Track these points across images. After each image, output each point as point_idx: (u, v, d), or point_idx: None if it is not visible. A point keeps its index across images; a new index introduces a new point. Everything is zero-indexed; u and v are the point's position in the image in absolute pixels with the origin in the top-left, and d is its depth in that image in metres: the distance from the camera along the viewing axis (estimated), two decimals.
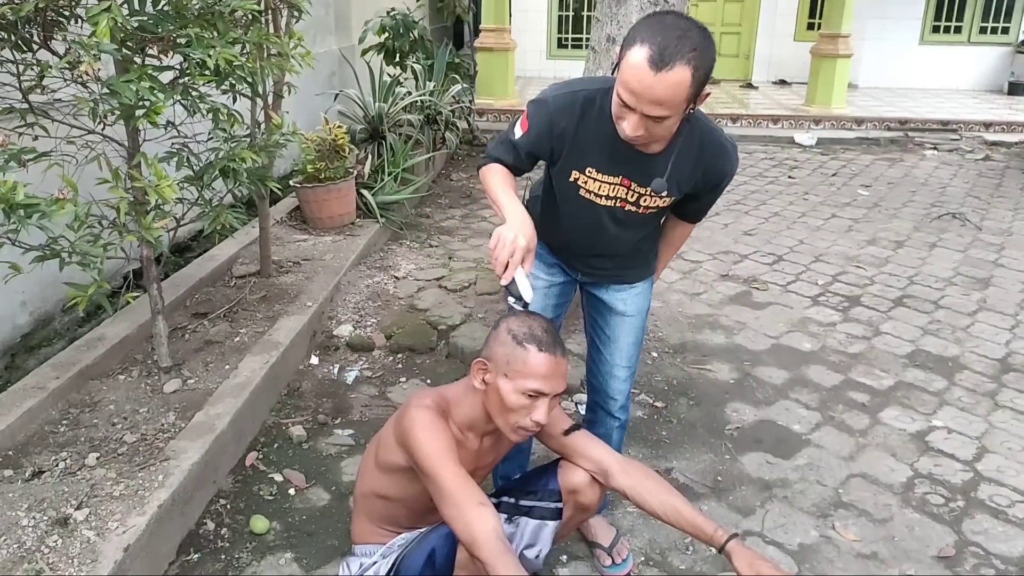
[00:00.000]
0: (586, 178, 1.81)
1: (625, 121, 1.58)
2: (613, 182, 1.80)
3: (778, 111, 8.86)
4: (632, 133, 1.58)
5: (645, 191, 1.80)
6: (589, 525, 2.17)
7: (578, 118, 1.74)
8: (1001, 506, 2.46)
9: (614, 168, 1.78)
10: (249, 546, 2.19)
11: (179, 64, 2.33)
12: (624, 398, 2.14)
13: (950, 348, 3.55)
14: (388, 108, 5.58)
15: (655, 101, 1.50)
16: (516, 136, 1.82)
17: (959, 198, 6.12)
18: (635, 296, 2.06)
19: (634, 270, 2.06)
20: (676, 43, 1.45)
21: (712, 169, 1.82)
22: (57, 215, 1.94)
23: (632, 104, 1.53)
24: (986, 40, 10.83)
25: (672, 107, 1.51)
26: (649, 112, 1.52)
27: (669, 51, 1.45)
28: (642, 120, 1.55)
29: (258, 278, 3.65)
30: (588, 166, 1.79)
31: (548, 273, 2.08)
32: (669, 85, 1.47)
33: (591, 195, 1.84)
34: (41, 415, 2.44)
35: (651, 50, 1.45)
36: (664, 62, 1.45)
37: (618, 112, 1.60)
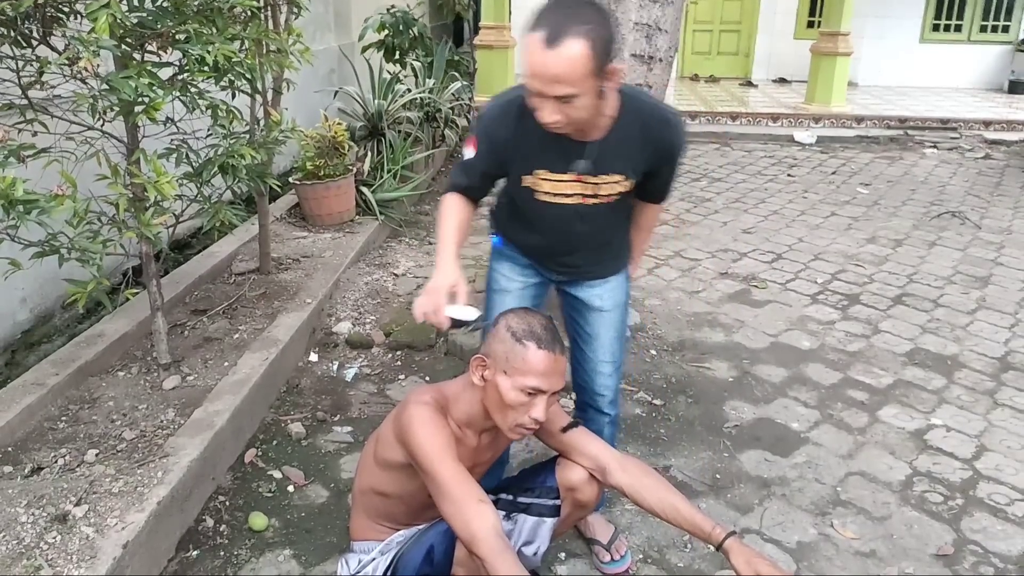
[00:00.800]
0: (539, 180, 1.82)
1: (540, 110, 1.59)
2: (566, 179, 1.80)
3: (778, 109, 8.85)
4: (548, 119, 1.59)
5: (600, 180, 1.81)
6: (587, 522, 2.17)
7: (515, 123, 1.75)
8: (1000, 504, 2.46)
9: (563, 165, 1.78)
10: (248, 543, 2.19)
11: (178, 60, 2.32)
12: (612, 393, 2.13)
13: (949, 346, 3.55)
14: (388, 105, 5.58)
15: (555, 79, 1.51)
16: (467, 158, 1.86)
17: (959, 196, 6.12)
18: (611, 290, 2.05)
19: (607, 264, 2.05)
20: (566, 19, 1.49)
21: (661, 143, 1.82)
22: (56, 211, 1.94)
23: (537, 88, 1.55)
24: (986, 39, 10.81)
25: (574, 82, 1.52)
26: (554, 92, 1.53)
27: (560, 27, 1.48)
28: (555, 104, 1.56)
29: (257, 275, 3.66)
30: (536, 168, 1.80)
31: (522, 275, 2.07)
32: (564, 59, 1.49)
33: (549, 196, 1.84)
34: (40, 411, 2.44)
35: (543, 30, 1.49)
36: (556, 38, 1.48)
37: (533, 103, 1.61)
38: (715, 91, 10.24)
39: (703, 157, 7.45)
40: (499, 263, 2.09)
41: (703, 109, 8.77)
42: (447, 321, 1.68)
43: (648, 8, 2.64)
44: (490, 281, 2.11)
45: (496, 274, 2.09)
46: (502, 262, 2.08)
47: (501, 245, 2.09)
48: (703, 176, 6.69)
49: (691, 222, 5.34)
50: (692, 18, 10.98)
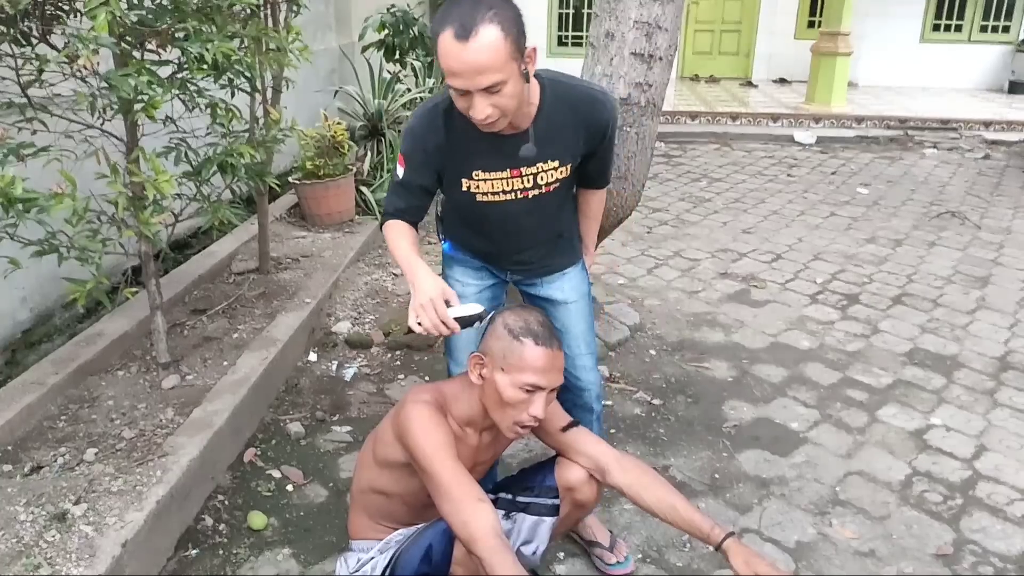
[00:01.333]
0: (477, 183, 1.79)
1: (471, 108, 1.56)
2: (504, 176, 1.79)
3: (778, 109, 8.86)
4: (482, 115, 1.56)
5: (537, 170, 1.79)
6: (586, 525, 2.15)
7: (444, 129, 1.73)
8: (999, 504, 2.46)
9: (499, 163, 1.76)
10: (247, 542, 2.19)
11: (177, 58, 2.32)
12: (595, 386, 2.11)
13: (949, 346, 3.55)
14: (388, 105, 5.58)
15: (478, 70, 1.49)
16: (401, 176, 1.82)
17: (959, 197, 6.12)
18: (570, 281, 2.04)
19: (561, 256, 2.03)
20: (472, 11, 1.48)
21: (592, 122, 1.80)
22: (55, 210, 1.94)
23: (462, 86, 1.52)
24: (987, 39, 10.81)
25: (497, 69, 1.50)
26: (479, 85, 1.51)
27: (468, 19, 1.47)
28: (482, 97, 1.53)
29: (257, 275, 3.65)
30: (474, 170, 1.78)
31: (477, 277, 2.06)
32: (483, 48, 1.47)
33: (488, 196, 1.81)
34: (40, 411, 2.44)
35: (453, 28, 1.48)
36: (468, 30, 1.47)
37: (460, 104, 1.59)
38: (715, 91, 10.24)
39: (703, 157, 7.45)
40: (451, 269, 2.07)
41: (703, 109, 8.77)
42: (456, 325, 1.65)
43: (648, 6, 2.64)
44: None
45: (450, 280, 2.06)
46: (454, 267, 2.07)
47: (451, 251, 2.07)
48: (703, 176, 6.69)
49: (691, 222, 5.34)
50: (693, 18, 10.98)
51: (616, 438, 2.75)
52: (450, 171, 1.80)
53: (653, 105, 2.82)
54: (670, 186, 6.33)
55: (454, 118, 1.70)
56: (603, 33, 2.74)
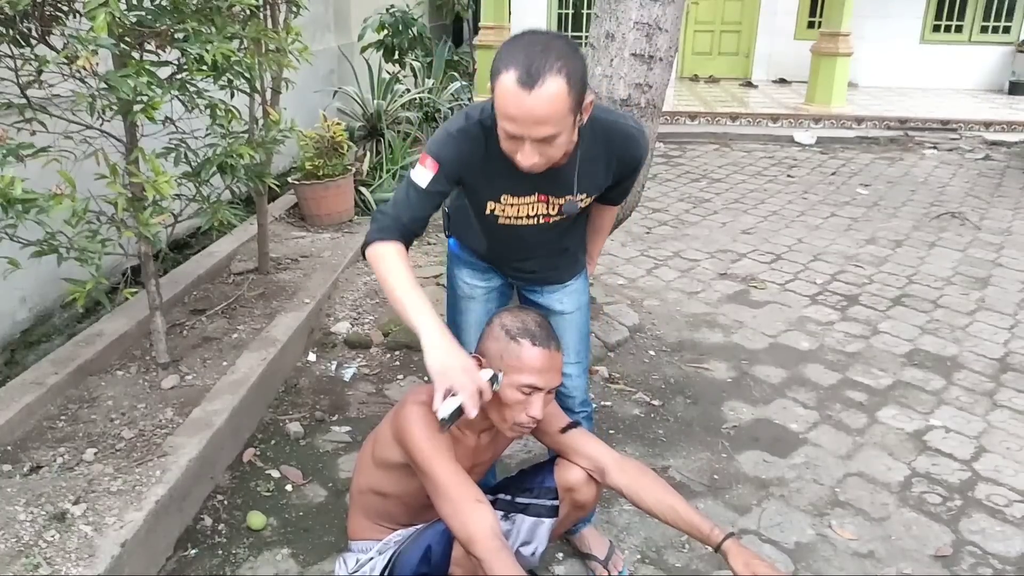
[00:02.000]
0: (503, 206, 1.76)
1: (518, 153, 1.51)
2: (530, 201, 1.76)
3: (778, 110, 8.85)
4: (528, 163, 1.52)
5: (564, 199, 1.76)
6: (582, 536, 2.14)
7: (484, 146, 1.67)
8: (999, 505, 2.46)
9: (528, 187, 1.72)
10: (246, 542, 2.19)
11: (177, 59, 2.32)
12: (581, 393, 2.11)
13: (948, 347, 3.55)
14: (387, 105, 5.58)
15: (538, 121, 1.44)
16: (425, 183, 1.66)
17: (959, 197, 6.12)
18: (570, 293, 2.03)
19: (564, 269, 2.03)
20: (541, 57, 1.40)
21: (625, 158, 1.79)
22: (55, 210, 1.94)
23: (517, 132, 1.47)
24: (987, 39, 10.81)
25: (556, 123, 1.46)
26: (536, 135, 1.47)
27: (536, 66, 1.40)
28: (533, 146, 1.49)
29: (256, 275, 3.66)
30: (503, 193, 1.73)
31: (483, 279, 2.04)
32: (546, 100, 1.41)
33: (511, 220, 1.79)
34: (39, 411, 2.44)
35: (518, 71, 1.40)
36: (534, 78, 1.40)
37: (507, 147, 1.53)
38: (715, 91, 10.24)
39: (703, 158, 7.45)
40: (458, 268, 2.06)
41: (703, 110, 8.77)
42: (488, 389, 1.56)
43: (648, 7, 2.64)
44: (452, 287, 2.09)
45: (457, 280, 2.06)
46: (461, 268, 2.05)
47: (457, 249, 2.06)
48: (703, 177, 6.69)
49: (690, 223, 5.34)
50: (693, 18, 10.98)
51: (615, 439, 2.75)
52: (478, 190, 1.75)
53: (653, 106, 2.82)
54: (669, 186, 6.33)
55: (493, 136, 1.63)
56: (603, 34, 2.74)
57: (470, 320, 2.07)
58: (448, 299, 2.13)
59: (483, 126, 1.66)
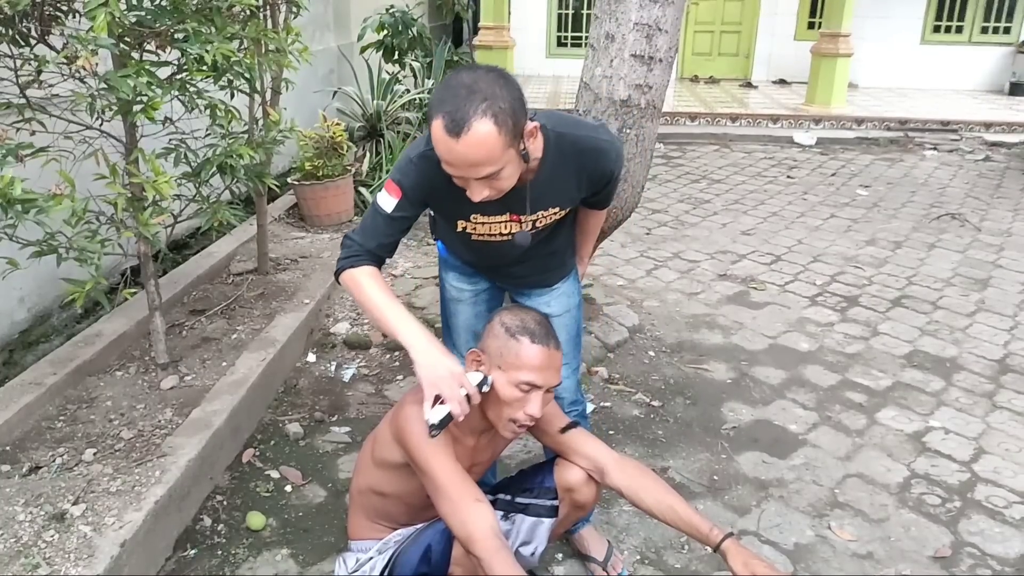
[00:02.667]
0: (474, 224, 1.76)
1: (469, 190, 1.52)
2: (502, 220, 1.75)
3: (778, 110, 8.85)
4: (478, 198, 1.53)
5: (536, 217, 1.76)
6: (581, 537, 2.14)
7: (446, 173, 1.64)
8: (998, 507, 2.46)
9: (498, 208, 1.71)
10: (245, 542, 2.19)
11: (176, 60, 2.32)
12: (571, 393, 2.11)
13: (948, 349, 3.55)
14: (386, 106, 5.58)
15: (472, 164, 1.44)
16: (389, 210, 1.67)
17: (959, 199, 6.12)
18: (559, 296, 2.03)
19: (553, 272, 2.02)
20: (465, 102, 1.39)
21: (596, 173, 1.78)
22: (54, 210, 1.94)
23: (458, 174, 1.48)
24: (987, 40, 10.81)
25: (493, 162, 1.44)
26: (475, 175, 1.46)
27: (460, 113, 1.38)
28: (479, 183, 1.49)
29: (256, 275, 3.65)
30: (472, 213, 1.73)
31: (471, 283, 2.04)
32: (475, 144, 1.40)
33: (484, 237, 1.79)
34: (38, 411, 2.44)
35: (444, 120, 1.40)
36: (460, 125, 1.39)
37: (457, 182, 1.54)
38: (715, 92, 10.24)
39: (702, 159, 7.45)
40: (446, 272, 2.07)
41: (703, 110, 8.77)
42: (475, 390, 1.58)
43: (648, 8, 2.64)
44: (443, 291, 2.10)
45: (446, 283, 2.07)
46: (448, 271, 2.06)
47: (445, 253, 2.06)
48: (702, 178, 6.69)
49: (690, 223, 5.34)
50: (693, 19, 10.98)
51: (615, 439, 2.75)
52: (446, 211, 1.75)
53: (653, 107, 2.81)
54: (669, 187, 6.33)
55: None
56: (603, 35, 2.74)
57: (459, 322, 2.09)
58: (441, 301, 2.14)
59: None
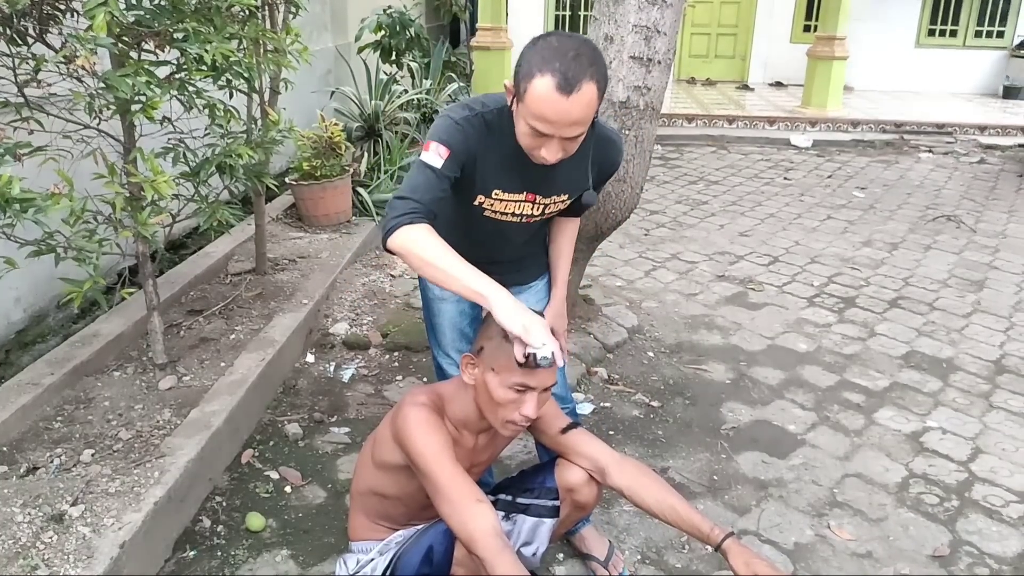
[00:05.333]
0: (492, 200, 1.78)
1: (542, 149, 1.57)
2: (518, 199, 1.79)
3: (774, 113, 8.88)
4: (553, 158, 1.59)
5: (549, 200, 1.82)
6: (582, 537, 2.14)
7: (484, 141, 1.70)
8: (995, 506, 2.47)
9: (519, 185, 1.77)
10: (245, 543, 2.18)
11: (176, 59, 2.32)
12: (560, 389, 2.08)
13: (945, 349, 3.56)
14: (384, 106, 5.58)
15: (572, 123, 1.52)
16: (439, 165, 1.65)
17: (954, 200, 6.14)
18: (536, 293, 2.06)
19: (529, 269, 2.06)
20: (574, 64, 1.47)
21: (606, 162, 1.87)
22: (53, 210, 1.93)
23: (549, 131, 1.53)
24: (981, 44, 10.87)
25: (587, 122, 1.55)
26: (568, 135, 1.54)
27: (572, 73, 1.47)
28: (560, 143, 1.56)
29: (254, 275, 3.64)
30: (494, 188, 1.76)
31: None
32: (582, 105, 1.50)
33: (496, 215, 1.82)
34: (36, 411, 2.42)
35: (555, 77, 1.47)
36: (572, 85, 1.47)
37: (532, 143, 1.58)
38: (712, 94, 10.26)
39: (700, 160, 7.47)
40: None
41: (700, 112, 8.79)
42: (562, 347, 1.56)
43: (647, 10, 2.65)
44: (425, 291, 2.09)
45: (429, 283, 2.05)
46: None
47: None
48: (700, 179, 6.70)
49: (688, 225, 5.35)
50: (689, 21, 11.01)
51: (615, 440, 2.75)
52: (471, 182, 1.75)
53: (652, 108, 2.82)
54: (667, 188, 6.34)
55: (493, 133, 1.69)
56: (602, 36, 2.75)
57: (444, 322, 2.08)
58: (423, 302, 2.13)
59: (485, 120, 1.70)
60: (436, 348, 2.13)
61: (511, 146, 1.68)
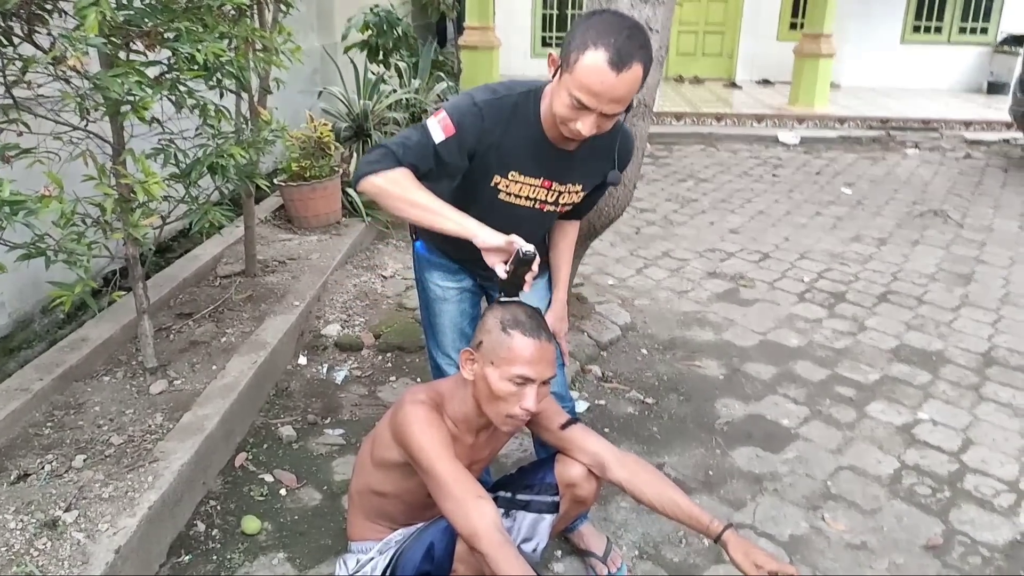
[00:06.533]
0: (508, 182, 1.78)
1: (579, 122, 1.58)
2: (535, 184, 1.80)
3: (762, 110, 8.92)
4: (589, 132, 1.60)
5: (564, 189, 1.83)
6: (580, 534, 2.14)
7: (507, 124, 1.71)
8: (986, 496, 2.49)
9: (537, 170, 1.77)
10: (241, 547, 2.16)
11: (166, 59, 2.30)
12: (559, 388, 2.10)
13: (934, 343, 3.59)
14: (373, 106, 5.55)
15: (616, 100, 1.54)
16: (437, 140, 1.65)
17: (940, 196, 6.19)
18: (535, 292, 2.01)
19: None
20: (627, 42, 1.50)
21: (622, 152, 1.87)
22: (43, 212, 1.90)
23: (592, 105, 1.54)
24: (966, 40, 10.96)
25: (625, 103, 1.57)
26: (609, 111, 1.56)
27: (625, 51, 1.49)
28: (599, 119, 1.58)
29: (243, 278, 3.62)
30: (512, 170, 1.76)
31: (456, 280, 2.03)
32: (628, 83, 1.52)
33: (511, 197, 1.81)
34: (25, 417, 2.40)
35: (608, 52, 1.49)
36: (623, 62, 1.49)
37: (571, 114, 1.59)
38: (700, 92, 10.29)
39: (689, 158, 7.49)
40: (428, 272, 2.05)
41: (688, 110, 8.81)
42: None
43: (640, 8, 2.65)
44: (425, 292, 2.07)
45: (429, 283, 2.05)
46: (432, 271, 2.04)
47: (425, 252, 2.04)
48: (689, 177, 6.72)
49: (678, 222, 5.36)
50: (677, 19, 10.93)
51: (610, 437, 2.74)
52: (488, 163, 1.74)
53: (645, 106, 2.82)
54: (657, 186, 6.36)
55: (517, 116, 1.70)
56: None
57: (445, 322, 2.07)
58: (421, 303, 2.12)
59: (509, 102, 1.70)
60: (435, 348, 2.12)
61: (534, 130, 1.70)
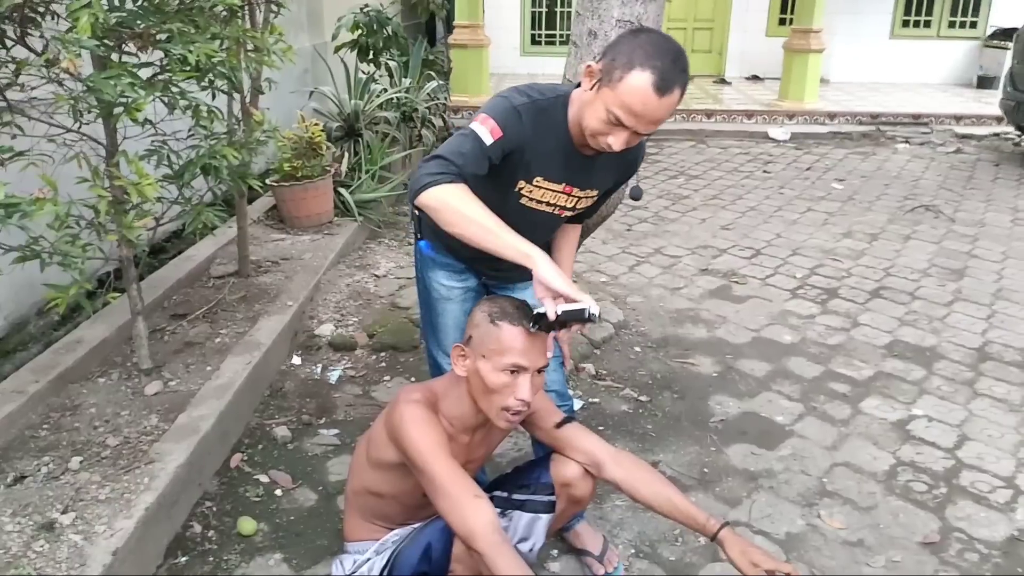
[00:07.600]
0: (532, 187, 1.78)
1: (611, 136, 1.60)
2: (557, 190, 1.81)
3: (752, 106, 8.94)
4: (620, 148, 1.62)
5: (584, 194, 1.85)
6: (577, 534, 2.15)
7: (536, 129, 1.71)
8: (982, 492, 2.51)
9: (561, 175, 1.79)
10: (237, 548, 2.16)
11: (159, 60, 2.29)
12: (559, 386, 2.11)
13: (928, 338, 3.61)
14: (364, 105, 5.54)
15: (654, 121, 1.57)
16: (488, 141, 1.63)
17: (932, 190, 6.22)
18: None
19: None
20: (672, 67, 1.53)
21: (635, 158, 1.92)
22: (38, 215, 1.90)
23: (630, 124, 1.57)
24: (955, 34, 11.00)
25: (659, 125, 1.61)
26: (644, 131, 1.58)
27: (670, 75, 1.52)
28: (631, 136, 1.60)
29: (237, 278, 3.61)
30: (538, 175, 1.77)
31: (460, 280, 2.03)
32: (668, 107, 1.55)
33: (532, 203, 1.82)
34: (21, 420, 2.39)
35: (655, 75, 1.51)
36: (668, 87, 1.52)
37: (604, 129, 1.60)
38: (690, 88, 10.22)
39: (680, 155, 7.50)
40: (433, 271, 2.04)
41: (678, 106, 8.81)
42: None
43: (631, 5, 2.65)
44: (428, 292, 2.07)
45: (434, 283, 2.04)
46: (436, 270, 2.03)
47: (430, 251, 2.03)
48: (680, 173, 6.73)
49: (670, 219, 5.37)
50: (666, 16, 10.95)
51: (604, 435, 2.75)
52: (515, 167, 1.73)
53: None
54: (648, 184, 6.36)
55: (546, 121, 1.71)
56: (586, 32, 2.75)
57: (448, 322, 2.06)
58: (423, 303, 2.12)
59: (540, 107, 1.71)
60: (436, 348, 2.11)
61: (561, 136, 1.72)
